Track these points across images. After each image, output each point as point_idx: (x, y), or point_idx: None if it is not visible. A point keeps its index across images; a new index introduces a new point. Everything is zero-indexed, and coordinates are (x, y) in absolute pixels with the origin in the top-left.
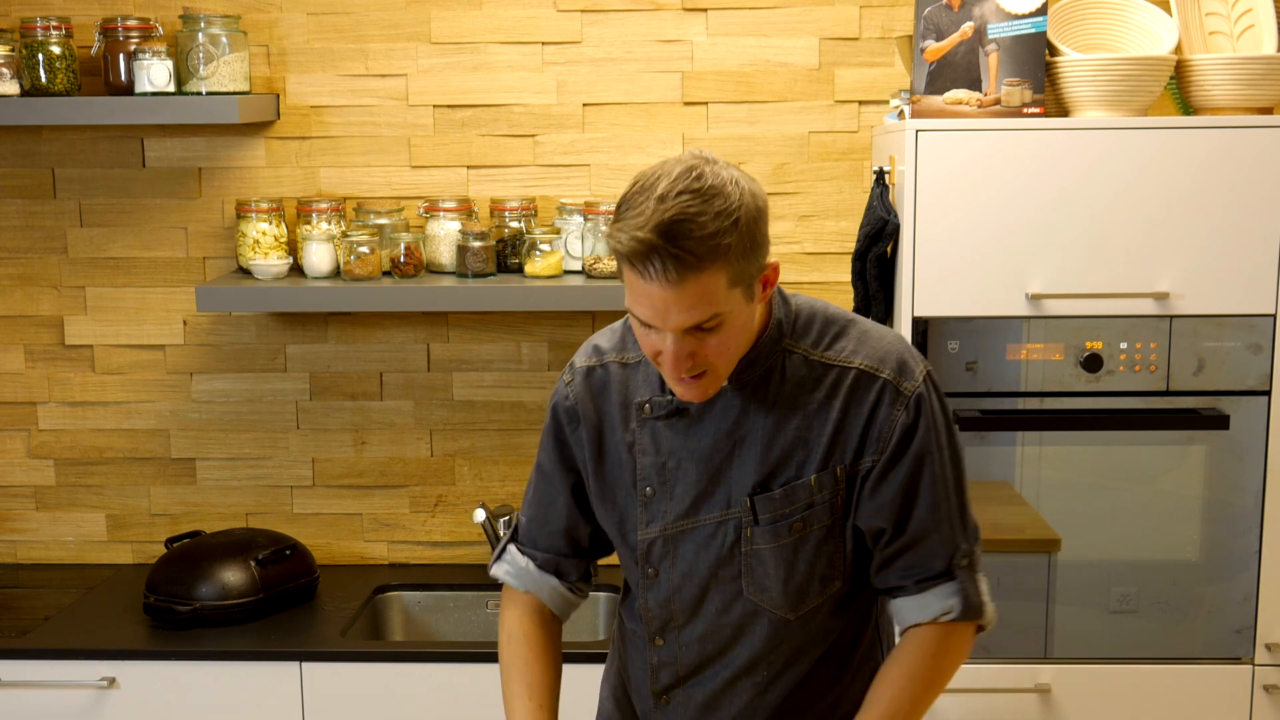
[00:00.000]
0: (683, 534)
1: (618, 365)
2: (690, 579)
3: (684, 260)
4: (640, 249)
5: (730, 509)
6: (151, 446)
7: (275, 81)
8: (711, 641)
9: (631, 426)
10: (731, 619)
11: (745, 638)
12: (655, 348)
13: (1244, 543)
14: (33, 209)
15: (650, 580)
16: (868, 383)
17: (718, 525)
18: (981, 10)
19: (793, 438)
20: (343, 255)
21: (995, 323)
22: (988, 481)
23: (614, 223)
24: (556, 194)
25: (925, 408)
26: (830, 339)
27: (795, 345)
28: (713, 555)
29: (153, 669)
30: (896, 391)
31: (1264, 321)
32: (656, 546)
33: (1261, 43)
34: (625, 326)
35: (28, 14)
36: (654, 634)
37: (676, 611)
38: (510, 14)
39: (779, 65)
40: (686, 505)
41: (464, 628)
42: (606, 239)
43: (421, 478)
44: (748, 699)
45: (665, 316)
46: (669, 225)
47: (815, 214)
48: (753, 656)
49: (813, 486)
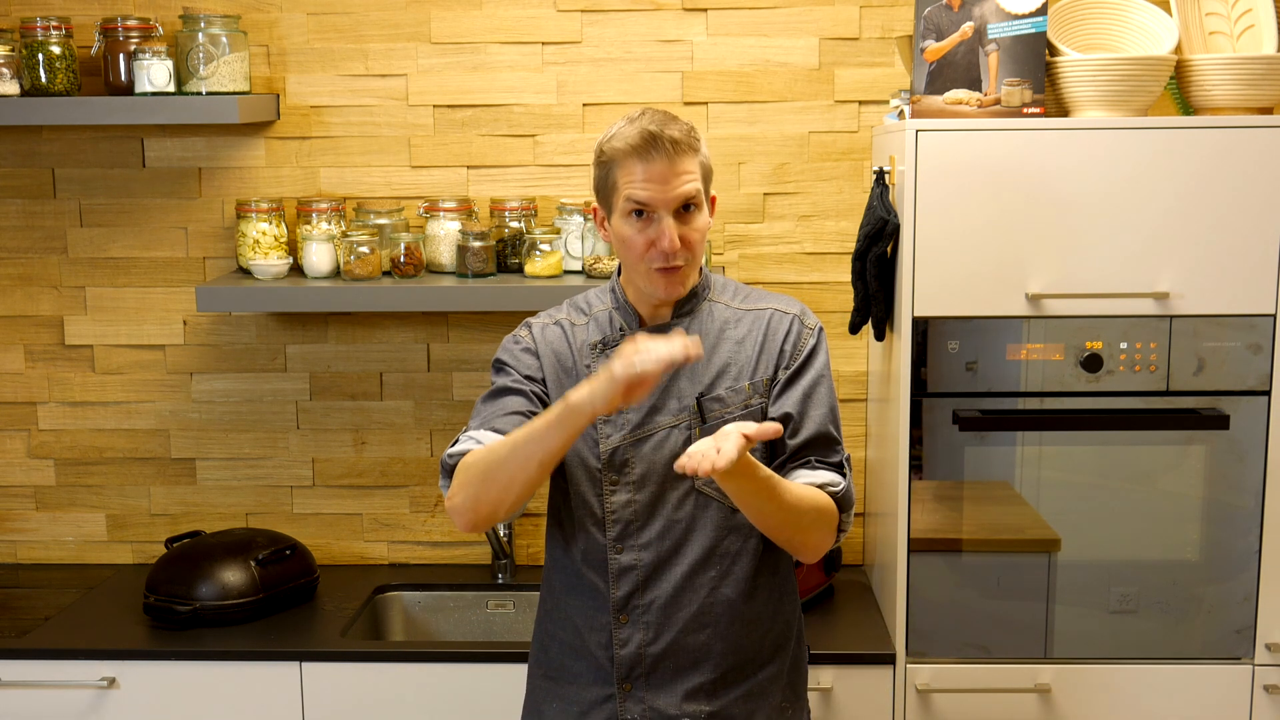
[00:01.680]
0: (640, 440)
1: (568, 323)
2: (648, 479)
3: (677, 140)
4: (645, 135)
5: (680, 415)
6: (151, 446)
7: (275, 81)
8: (668, 537)
9: (587, 363)
10: (685, 512)
11: (697, 530)
12: (649, 239)
13: (1244, 543)
14: (33, 209)
15: (612, 487)
16: (780, 318)
17: (670, 430)
18: (981, 10)
19: (726, 356)
20: (343, 255)
21: (995, 323)
22: (988, 481)
23: (606, 142)
24: (556, 194)
25: (823, 340)
26: (743, 296)
27: (718, 298)
28: (667, 455)
29: (153, 669)
30: (803, 324)
31: (1264, 321)
32: (618, 454)
33: (1261, 43)
34: (567, 302)
35: (28, 14)
36: (614, 540)
37: (637, 511)
38: (510, 14)
39: (779, 65)
40: (642, 415)
41: (464, 628)
42: (602, 162)
43: (421, 478)
44: (702, 597)
45: (665, 185)
46: (659, 122)
47: (815, 214)
48: (706, 547)
49: (746, 391)
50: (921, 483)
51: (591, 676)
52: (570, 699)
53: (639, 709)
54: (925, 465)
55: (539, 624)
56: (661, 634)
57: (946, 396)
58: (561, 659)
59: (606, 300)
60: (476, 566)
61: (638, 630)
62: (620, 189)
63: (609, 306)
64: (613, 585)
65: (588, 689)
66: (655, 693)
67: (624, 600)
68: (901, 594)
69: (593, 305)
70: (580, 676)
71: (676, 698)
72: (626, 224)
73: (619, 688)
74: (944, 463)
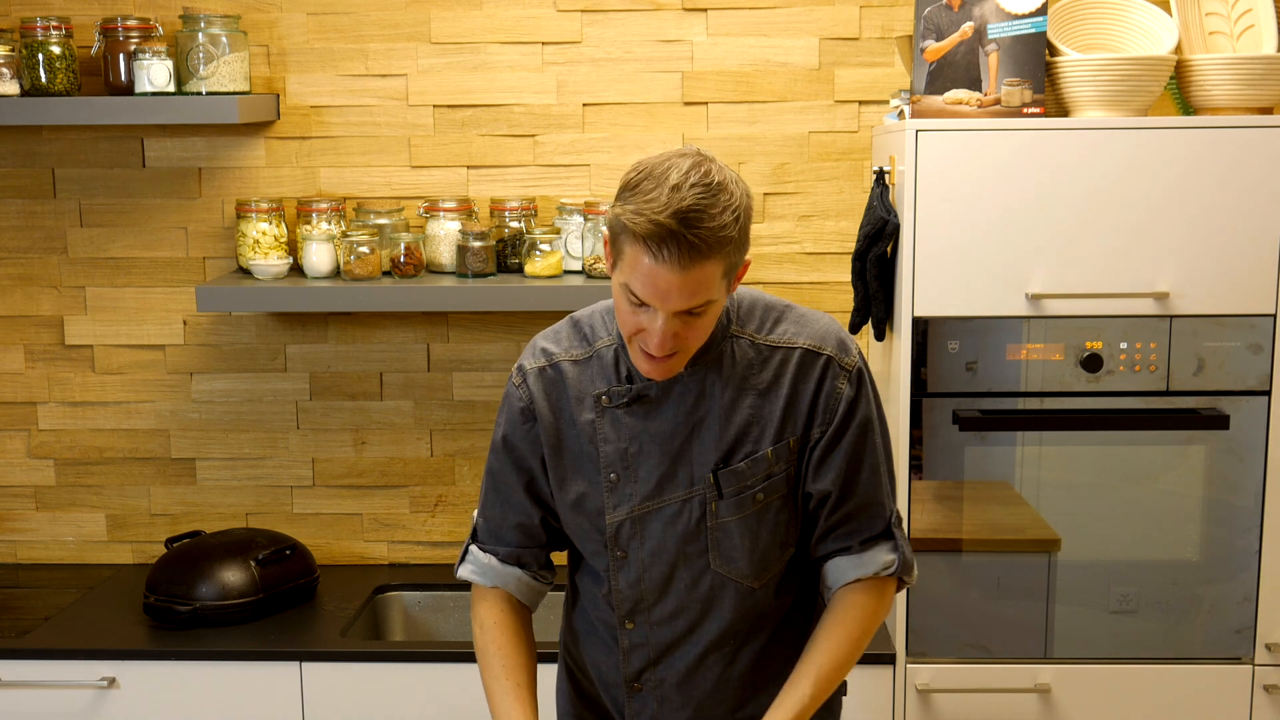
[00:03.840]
0: (649, 514)
1: (569, 363)
2: (659, 557)
3: (697, 248)
4: (659, 231)
5: (694, 487)
6: (151, 446)
7: (275, 81)
8: (682, 617)
9: (590, 417)
10: (700, 593)
11: (715, 610)
12: (639, 325)
13: (1244, 543)
14: (33, 209)
15: (620, 562)
16: (812, 360)
17: (683, 503)
18: (981, 10)
19: (748, 415)
20: (343, 255)
21: (995, 323)
22: (988, 481)
23: (624, 204)
24: (556, 194)
25: (865, 380)
26: (772, 324)
27: (741, 331)
28: (679, 532)
29: (153, 669)
30: (839, 367)
31: (1264, 321)
32: (625, 529)
33: (1261, 43)
34: (570, 325)
35: (28, 14)
36: (624, 617)
37: (646, 591)
38: (510, 14)
39: (779, 65)
40: (651, 487)
41: (464, 628)
42: (615, 218)
43: (421, 478)
44: (718, 672)
45: (666, 298)
46: (687, 214)
47: (815, 214)
48: (722, 629)
49: (770, 458)
50: (921, 483)
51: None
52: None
53: None
54: (925, 465)
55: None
56: (679, 708)
57: (946, 396)
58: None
59: (612, 330)
60: None
61: (651, 702)
62: (624, 262)
63: (614, 342)
64: (623, 660)
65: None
66: None
67: (636, 674)
68: (901, 594)
69: (596, 333)
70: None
71: None
72: (623, 296)
73: None
74: (944, 463)
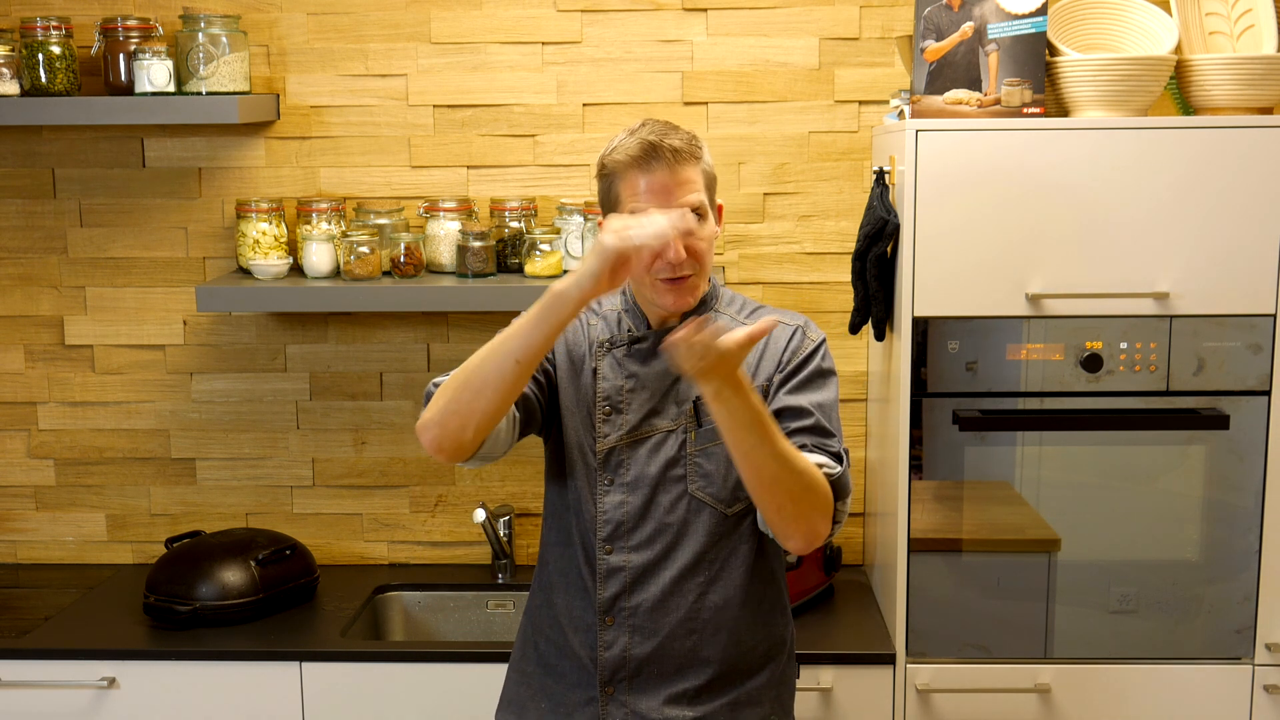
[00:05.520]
0: (637, 442)
1: (582, 317)
2: (642, 480)
3: (677, 151)
4: (642, 150)
5: (677, 419)
6: (151, 446)
7: (275, 81)
8: (659, 541)
9: (593, 366)
10: (677, 516)
11: (689, 534)
12: None
13: (1244, 543)
14: (33, 209)
15: (606, 487)
16: (784, 329)
17: (666, 434)
18: (981, 10)
19: None
20: (343, 255)
21: (995, 323)
22: (988, 481)
23: (608, 155)
24: (556, 194)
25: (825, 351)
26: (749, 311)
27: (724, 310)
28: (662, 459)
29: (153, 669)
30: (805, 334)
31: (1264, 321)
32: (614, 454)
33: (1261, 43)
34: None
35: (28, 14)
36: (604, 540)
37: (629, 513)
38: (510, 14)
39: (779, 65)
40: (640, 418)
41: (464, 628)
42: (602, 174)
43: (421, 478)
44: (689, 603)
45: (668, 196)
46: (660, 131)
47: (815, 214)
48: (696, 553)
49: None
50: (921, 483)
51: (575, 678)
52: (554, 698)
53: (621, 713)
54: (925, 465)
55: (526, 617)
56: (648, 638)
57: (946, 396)
58: (547, 657)
59: (617, 301)
60: (476, 566)
61: (623, 633)
62: (623, 201)
63: (619, 308)
64: (600, 586)
65: (571, 690)
66: (638, 697)
67: (610, 601)
68: (901, 594)
69: (603, 303)
70: (564, 677)
71: (659, 702)
72: None
73: (601, 691)
74: (944, 463)
